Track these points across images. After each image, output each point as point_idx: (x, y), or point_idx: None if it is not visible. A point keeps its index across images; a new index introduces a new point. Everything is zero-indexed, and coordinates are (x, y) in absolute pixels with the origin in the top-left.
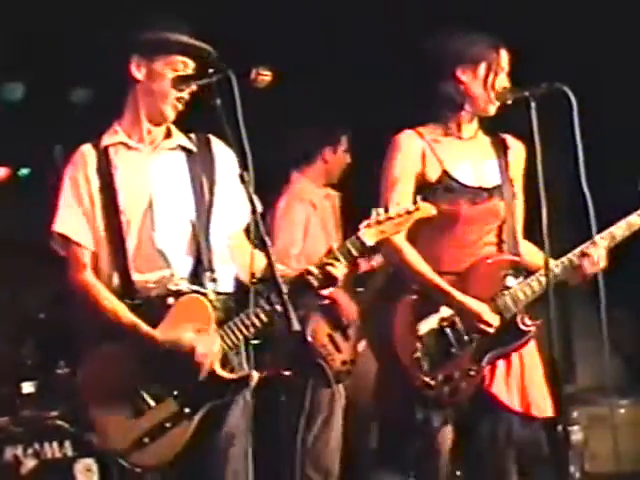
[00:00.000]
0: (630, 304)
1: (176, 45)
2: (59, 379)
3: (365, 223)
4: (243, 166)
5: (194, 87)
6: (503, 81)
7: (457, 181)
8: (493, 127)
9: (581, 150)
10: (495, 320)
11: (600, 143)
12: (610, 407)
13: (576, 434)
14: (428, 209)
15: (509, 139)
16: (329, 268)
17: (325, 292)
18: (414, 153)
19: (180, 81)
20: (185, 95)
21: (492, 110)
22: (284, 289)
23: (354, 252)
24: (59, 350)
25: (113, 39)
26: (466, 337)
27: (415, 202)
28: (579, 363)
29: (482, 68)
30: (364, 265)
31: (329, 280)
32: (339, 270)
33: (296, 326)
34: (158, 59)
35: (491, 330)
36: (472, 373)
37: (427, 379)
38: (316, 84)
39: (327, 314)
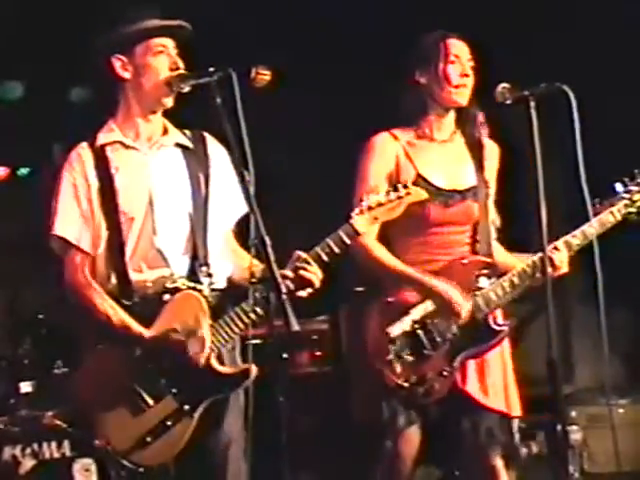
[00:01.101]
0: (629, 304)
1: (147, 30)
2: (57, 379)
3: (357, 210)
4: (243, 166)
5: (193, 84)
6: (463, 69)
7: (430, 183)
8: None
9: (580, 151)
10: (466, 304)
11: (600, 144)
12: (609, 407)
13: (575, 434)
14: (419, 193)
15: (484, 140)
16: (302, 272)
17: (303, 294)
18: (388, 155)
19: (179, 80)
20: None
21: (460, 99)
22: (283, 289)
23: (347, 240)
24: (57, 350)
25: (96, 41)
26: (438, 338)
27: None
28: (578, 363)
29: (434, 63)
30: None
31: (304, 283)
32: (313, 273)
33: (295, 326)
34: (137, 50)
35: (463, 313)
36: (445, 374)
37: (400, 381)
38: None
39: None
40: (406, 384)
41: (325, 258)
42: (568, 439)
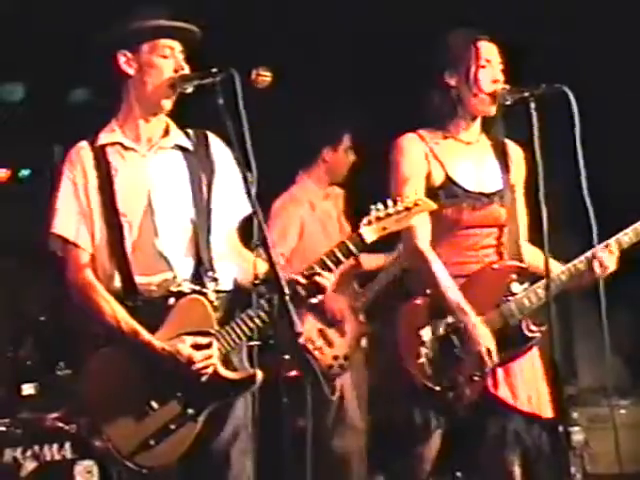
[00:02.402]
0: (631, 304)
1: (156, 30)
2: (59, 380)
3: (365, 220)
4: (246, 166)
5: (196, 85)
6: (495, 74)
7: (459, 186)
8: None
9: (581, 153)
10: (492, 359)
11: (601, 146)
12: (611, 408)
13: (577, 435)
14: (428, 204)
15: (510, 144)
16: (317, 278)
17: (314, 300)
18: (419, 155)
19: (182, 80)
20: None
21: (491, 109)
22: (286, 291)
23: (354, 249)
24: (59, 351)
25: (99, 37)
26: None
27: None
28: (580, 364)
29: (465, 66)
30: (367, 264)
31: (317, 290)
32: (326, 278)
33: (299, 328)
34: (143, 48)
35: (488, 364)
36: (476, 378)
37: (431, 384)
38: (318, 82)
39: (314, 310)
40: (437, 388)
41: (332, 267)
42: (570, 440)
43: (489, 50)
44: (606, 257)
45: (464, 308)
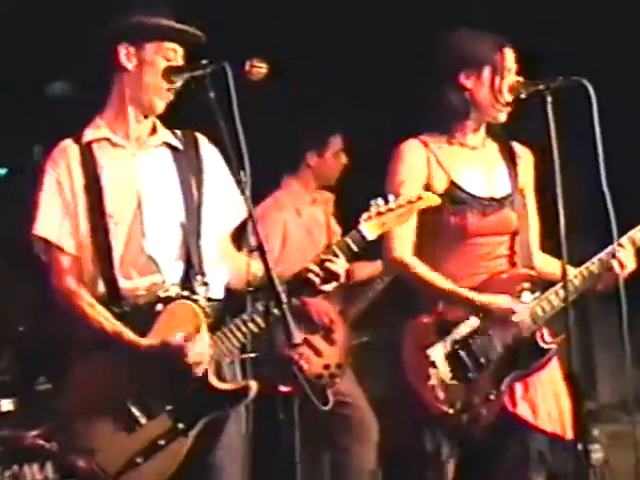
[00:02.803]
0: None
1: (167, 31)
2: (39, 396)
3: (365, 215)
4: (240, 167)
5: (186, 78)
6: (512, 83)
7: (465, 191)
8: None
9: (601, 149)
10: (525, 311)
11: (621, 141)
12: (632, 424)
13: (597, 453)
14: (431, 198)
15: (517, 147)
16: (328, 264)
17: (328, 288)
18: (419, 162)
19: (172, 72)
20: (176, 86)
21: (502, 116)
22: (284, 298)
23: (354, 247)
24: (39, 365)
25: (98, 26)
26: (483, 359)
27: None
28: (600, 378)
29: (487, 71)
30: (359, 272)
31: (330, 276)
32: (339, 265)
33: (297, 338)
34: (148, 46)
35: (524, 329)
36: (492, 397)
37: (445, 408)
38: (313, 80)
39: (298, 317)
40: (451, 411)
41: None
42: (589, 458)
43: (511, 59)
44: (623, 255)
45: (469, 294)
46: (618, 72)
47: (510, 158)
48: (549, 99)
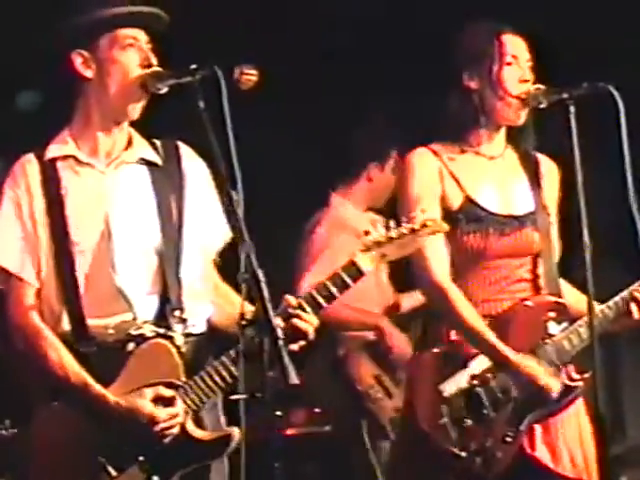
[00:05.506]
0: None
1: (113, 18)
2: (4, 441)
3: (362, 246)
4: (231, 183)
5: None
6: (522, 73)
7: (482, 208)
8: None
9: (629, 163)
10: (555, 384)
11: None
12: None
13: None
14: (439, 225)
15: (541, 158)
16: (296, 321)
17: (294, 347)
18: (431, 173)
19: (156, 79)
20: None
21: (519, 117)
22: (280, 334)
23: (349, 281)
24: (3, 407)
25: (51, 33)
26: (501, 396)
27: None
28: (628, 418)
29: (487, 66)
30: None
31: (296, 334)
32: (307, 322)
33: (294, 379)
34: (101, 43)
35: (553, 395)
36: (509, 439)
37: (456, 450)
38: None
39: (373, 352)
40: (463, 453)
41: (323, 303)
42: None
43: (515, 45)
44: None
45: (503, 348)
46: None
47: (533, 170)
48: (572, 109)
